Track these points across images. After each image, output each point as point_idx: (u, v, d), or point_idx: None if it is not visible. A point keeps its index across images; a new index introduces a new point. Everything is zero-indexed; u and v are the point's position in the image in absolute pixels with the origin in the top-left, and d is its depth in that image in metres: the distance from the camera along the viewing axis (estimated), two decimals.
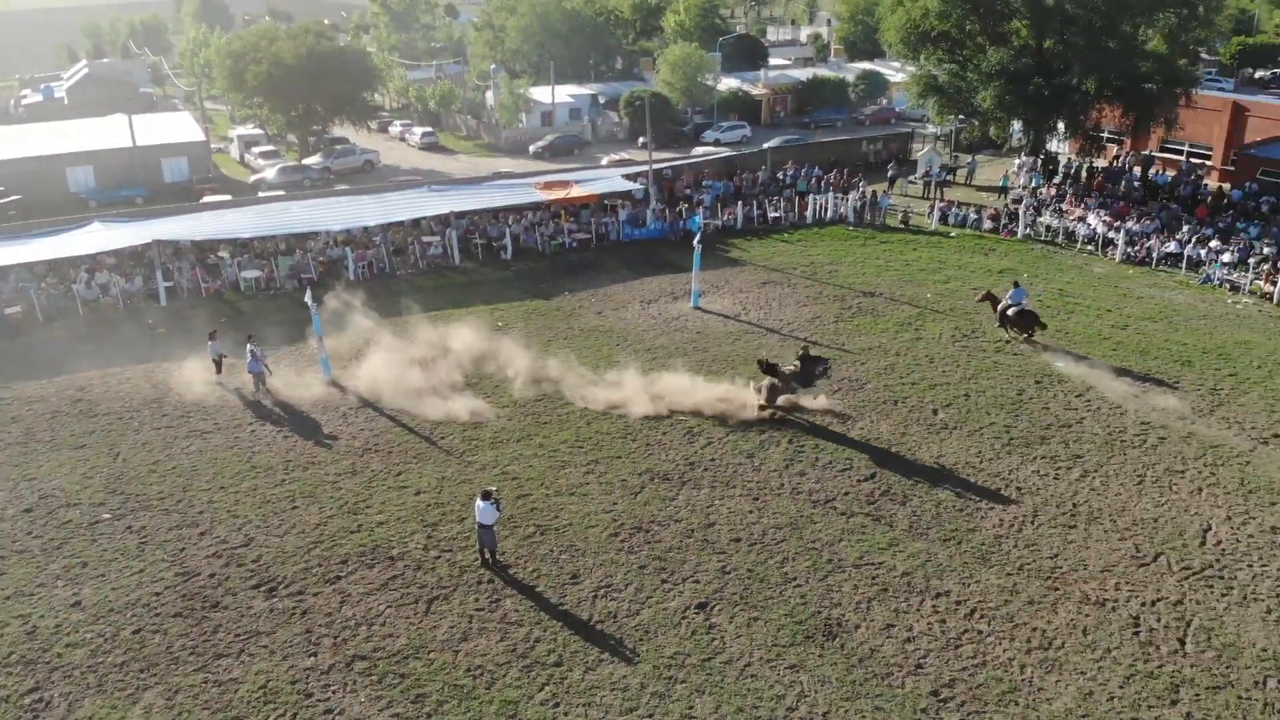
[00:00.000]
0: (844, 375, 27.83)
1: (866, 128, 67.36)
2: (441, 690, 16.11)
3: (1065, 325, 31.65)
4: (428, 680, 16.31)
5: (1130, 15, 44.16)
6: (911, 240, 41.25)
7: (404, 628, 17.59)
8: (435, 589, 18.63)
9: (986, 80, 45.15)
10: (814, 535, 20.43)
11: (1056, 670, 16.48)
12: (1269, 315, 33.09)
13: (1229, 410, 25.87)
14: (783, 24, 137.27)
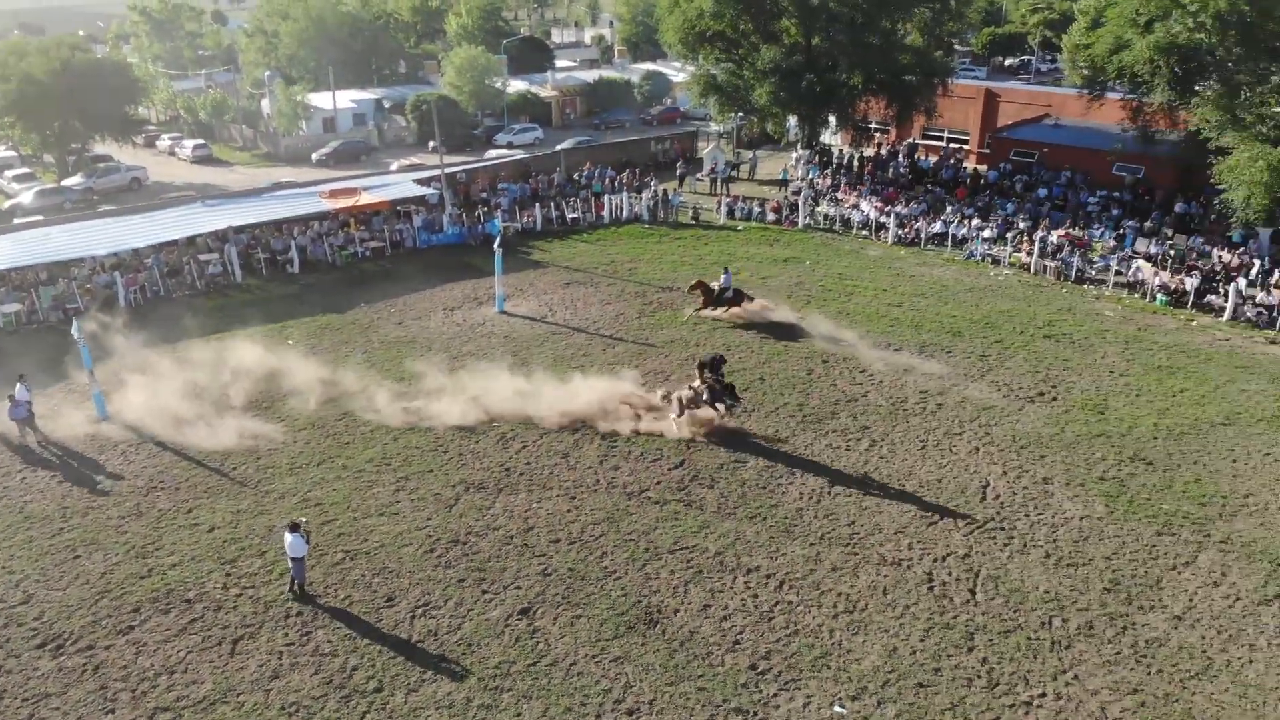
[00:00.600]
0: (650, 368, 28.41)
1: (654, 128, 68.84)
2: None
3: (847, 306, 33.53)
4: None
5: (889, 12, 47.27)
6: (703, 235, 42.55)
7: (208, 672, 16.60)
8: (239, 628, 17.66)
9: (762, 78, 47.14)
10: (630, 526, 20.77)
11: (862, 631, 17.48)
12: (1027, 284, 36.24)
13: (997, 374, 28.18)
14: (566, 26, 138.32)
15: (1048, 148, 47.14)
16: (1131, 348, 30.15)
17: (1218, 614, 17.95)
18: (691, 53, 50.32)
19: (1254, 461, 23.35)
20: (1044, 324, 32.00)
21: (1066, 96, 49.46)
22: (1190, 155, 38.49)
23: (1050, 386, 27.38)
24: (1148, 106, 39.41)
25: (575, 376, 27.24)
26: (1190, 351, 29.97)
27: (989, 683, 16.24)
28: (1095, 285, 35.95)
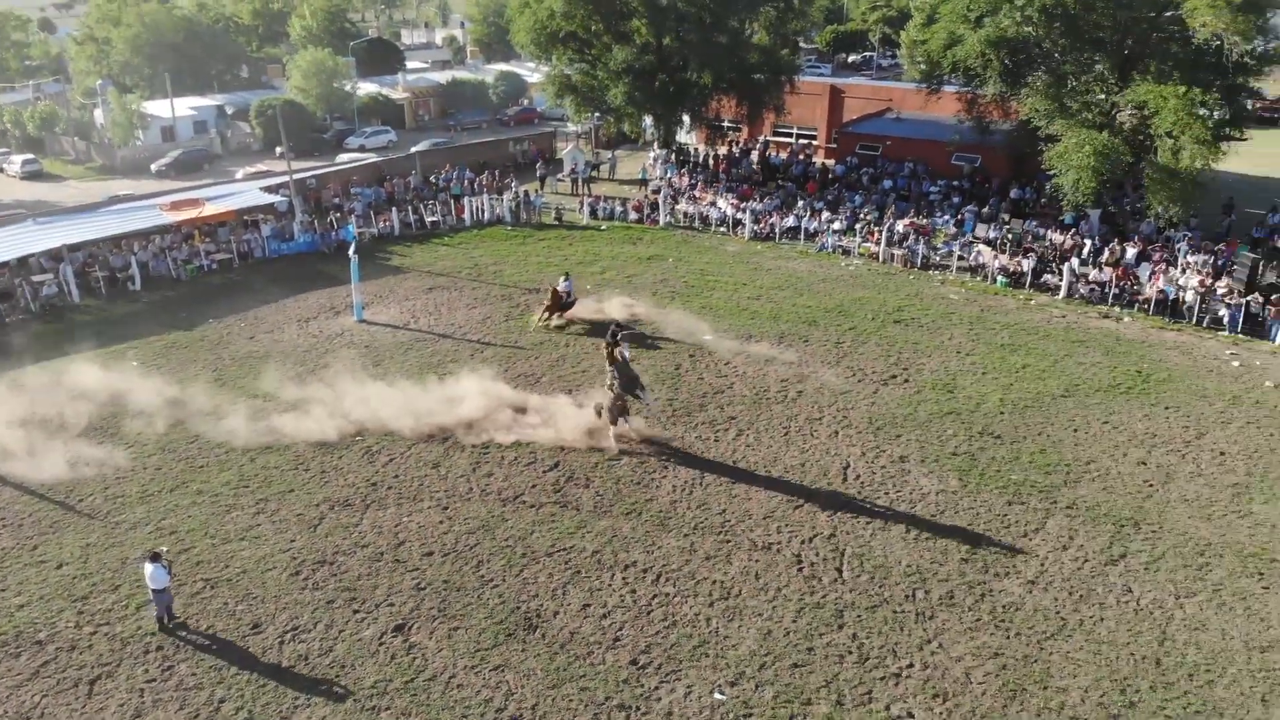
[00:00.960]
0: (521, 371, 28.22)
1: (511, 128, 68.34)
2: None
3: (709, 301, 34.12)
4: None
5: (736, 11, 48.28)
6: (567, 235, 42.53)
7: (66, 716, 15.62)
8: (96, 667, 16.67)
9: (615, 78, 47.42)
10: (506, 533, 20.59)
11: (738, 617, 17.85)
12: (877, 273, 37.66)
13: (852, 360, 29.20)
14: (416, 27, 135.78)
15: (891, 141, 49.10)
16: (976, 328, 31.73)
17: (1068, 576, 19.08)
18: (544, 53, 50.17)
19: (1094, 430, 24.94)
20: (894, 310, 33.33)
21: (907, 91, 51.59)
22: (1022, 143, 40.67)
23: (902, 369, 28.56)
24: (981, 98, 41.42)
25: (446, 381, 26.82)
26: (1030, 329, 31.76)
27: (860, 658, 16.83)
28: (940, 270, 37.65)
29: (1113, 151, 34.83)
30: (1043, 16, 35.62)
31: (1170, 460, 23.44)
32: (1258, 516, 21.12)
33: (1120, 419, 25.46)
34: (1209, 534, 20.46)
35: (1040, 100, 37.28)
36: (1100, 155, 34.62)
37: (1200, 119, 33.26)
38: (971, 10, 37.87)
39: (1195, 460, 23.46)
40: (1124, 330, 31.86)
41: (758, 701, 15.91)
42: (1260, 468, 23.13)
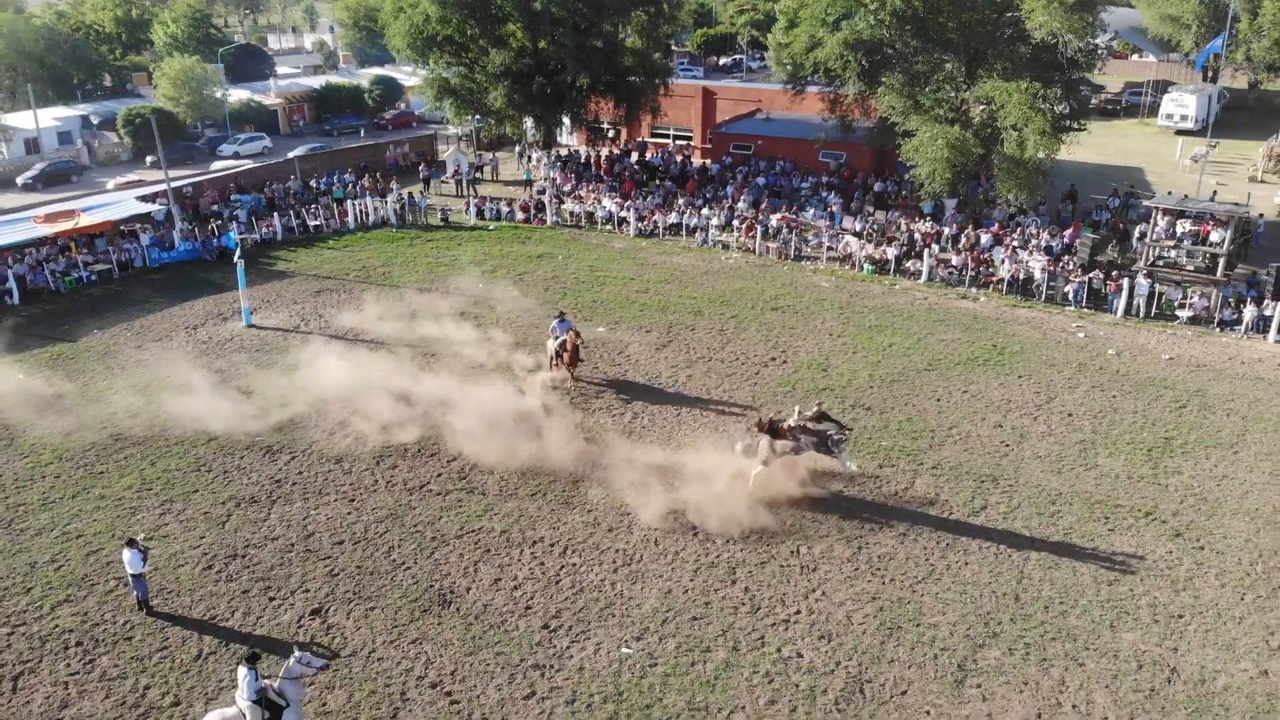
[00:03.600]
0: (417, 368, 28.88)
1: (389, 132, 68.16)
2: None
3: (600, 295, 35.43)
4: None
5: (608, 15, 49.74)
6: (455, 236, 43.17)
7: None
8: (17, 664, 16.88)
9: (495, 81, 48.26)
10: (415, 520, 21.41)
11: (640, 580, 19.20)
12: (754, 265, 39.64)
13: (736, 345, 30.95)
14: (283, 32, 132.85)
15: (762, 140, 51.37)
16: (846, 312, 33.95)
17: (936, 528, 21.06)
18: (421, 57, 50.59)
19: (954, 399, 27.27)
20: (771, 298, 35.31)
21: (775, 92, 53.92)
22: (882, 139, 43.35)
23: (780, 351, 30.45)
24: (843, 98, 43.94)
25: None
26: (895, 311, 34.17)
27: (752, 608, 18.39)
28: (812, 261, 39.87)
29: (964, 144, 37.65)
30: (894, 19, 38.23)
31: (1024, 423, 25.91)
32: (1102, 469, 23.64)
33: (978, 388, 27.91)
34: (1059, 485, 22.84)
35: (896, 98, 39.91)
36: (953, 148, 37.38)
37: (1041, 112, 36.31)
38: (829, 14, 40.26)
39: (1046, 421, 25.99)
40: (980, 309, 34.61)
41: (661, 652, 17.27)
42: (1104, 425, 25.79)
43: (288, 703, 14.79)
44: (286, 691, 14.83)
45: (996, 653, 17.31)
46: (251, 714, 14.53)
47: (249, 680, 14.59)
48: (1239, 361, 30.11)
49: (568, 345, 27.06)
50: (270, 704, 14.64)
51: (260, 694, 14.59)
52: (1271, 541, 20.76)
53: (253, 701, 14.52)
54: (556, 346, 27.49)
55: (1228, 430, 25.54)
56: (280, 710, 14.70)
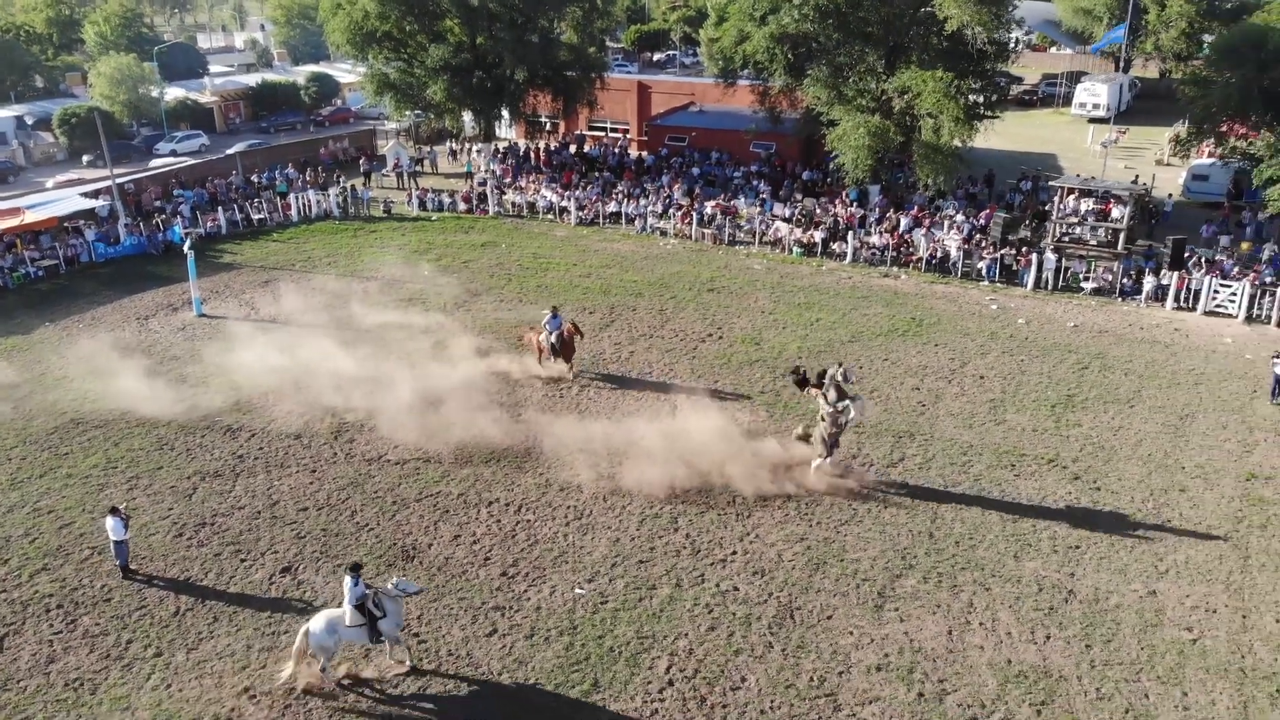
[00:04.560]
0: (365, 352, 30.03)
1: (327, 128, 68.60)
2: (45, 709, 15.97)
3: (545, 280, 36.89)
4: (26, 704, 16.04)
5: (545, 11, 51.09)
6: (399, 227, 44.23)
7: None
8: (1, 627, 17.86)
9: (434, 75, 49.27)
10: (375, 487, 22.69)
11: (591, 531, 20.79)
12: (691, 250, 41.38)
13: (675, 323, 32.67)
14: (212, 31, 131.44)
15: (696, 132, 53.20)
16: (777, 292, 35.87)
17: (859, 476, 22.94)
18: (360, 53, 51.36)
19: (876, 366, 29.30)
20: (707, 280, 37.09)
21: (707, 85, 55.78)
22: (809, 129, 45.43)
23: (717, 329, 32.25)
24: (771, 90, 45.86)
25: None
26: (822, 290, 36.19)
27: (693, 551, 20.10)
28: (745, 245, 41.73)
29: (885, 132, 39.84)
30: (817, 14, 40.26)
31: (939, 385, 28.03)
32: (1010, 424, 25.80)
33: (898, 356, 29.99)
34: (971, 439, 24.93)
35: (821, 89, 41.95)
36: (874, 136, 39.54)
37: (955, 101, 38.60)
38: (756, 9, 42.17)
39: (959, 384, 28.14)
40: (901, 286, 36.80)
41: (611, 591, 18.88)
42: (1013, 386, 28.01)
43: (385, 613, 16.59)
44: (385, 605, 16.61)
45: (912, 581, 19.24)
46: (351, 617, 16.41)
47: (352, 587, 16.40)
48: (1138, 327, 32.68)
49: (566, 338, 27.60)
50: (369, 612, 16.44)
51: (360, 600, 16.38)
52: (1162, 482, 23.05)
53: (354, 606, 16.38)
54: (553, 341, 27.75)
55: (1125, 388, 27.94)
56: (377, 619, 16.53)
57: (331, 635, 16.39)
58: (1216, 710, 16.18)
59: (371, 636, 16.62)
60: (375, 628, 16.56)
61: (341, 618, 16.46)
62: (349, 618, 16.40)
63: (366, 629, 16.50)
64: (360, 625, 16.46)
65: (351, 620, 16.39)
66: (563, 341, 27.74)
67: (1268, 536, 20.93)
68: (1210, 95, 38.80)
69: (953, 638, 17.72)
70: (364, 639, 16.66)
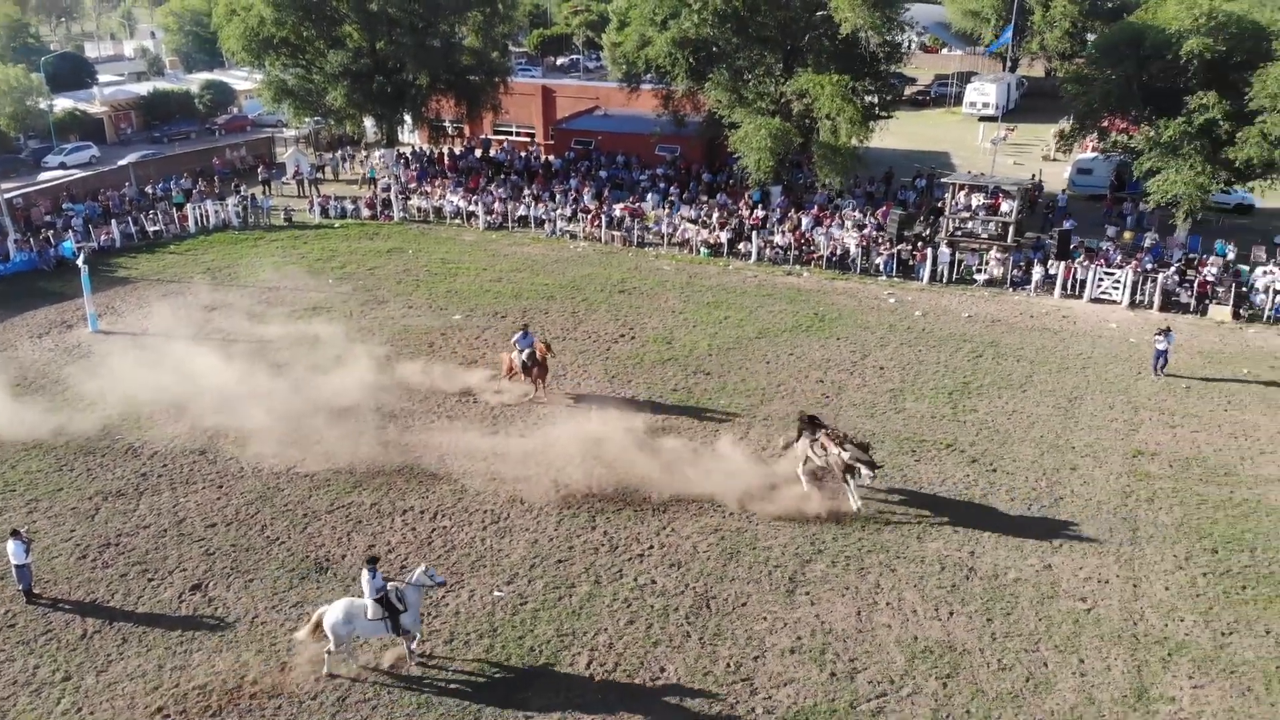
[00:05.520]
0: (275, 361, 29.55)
1: (223, 136, 66.89)
2: None
3: (454, 285, 36.79)
4: None
5: (444, 15, 50.83)
6: (301, 235, 43.49)
7: None
8: None
9: (333, 81, 48.64)
10: (284, 500, 22.39)
11: (509, 534, 20.92)
12: (601, 252, 41.70)
13: (588, 325, 32.96)
14: (102, 39, 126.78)
15: (601, 135, 53.55)
16: (686, 292, 36.46)
17: (767, 464, 23.51)
18: (257, 60, 50.37)
19: (782, 361, 30.07)
20: (618, 282, 37.48)
21: (612, 90, 56.16)
22: (712, 132, 46.18)
23: (629, 329, 32.65)
24: (674, 94, 46.43)
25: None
26: (729, 289, 36.90)
27: (610, 547, 20.41)
28: (654, 247, 42.24)
29: (785, 134, 40.80)
30: (716, 19, 41.02)
31: (841, 377, 28.92)
32: (909, 411, 26.78)
33: (802, 350, 30.83)
34: (873, 426, 25.78)
35: (722, 93, 42.72)
36: (775, 138, 40.45)
37: (852, 102, 39.76)
38: (657, 14, 42.73)
39: (861, 375, 29.07)
40: (803, 283, 37.76)
41: (530, 592, 19.05)
42: (911, 375, 29.05)
43: (406, 607, 16.68)
44: (407, 596, 16.73)
45: (822, 565, 19.89)
46: (373, 610, 16.53)
47: (370, 580, 16.49)
48: (1028, 316, 34.21)
49: (538, 358, 26.77)
50: (389, 605, 16.56)
51: (381, 593, 16.50)
52: (1054, 461, 24.22)
53: (375, 600, 16.48)
54: (524, 359, 26.90)
55: (1017, 374, 29.25)
56: (398, 613, 16.63)
57: (348, 625, 16.56)
58: (1112, 675, 17.13)
59: (393, 629, 16.79)
60: (397, 621, 16.70)
61: (362, 609, 16.60)
62: (370, 611, 16.56)
63: (388, 622, 16.67)
64: (381, 619, 16.60)
65: (373, 614, 16.56)
66: (534, 360, 26.88)
67: (1154, 509, 22.20)
68: (1092, 92, 40.66)
69: (861, 618, 18.40)
70: (384, 632, 16.87)
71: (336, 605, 16.78)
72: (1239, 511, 22.13)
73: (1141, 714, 16.27)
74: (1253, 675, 17.12)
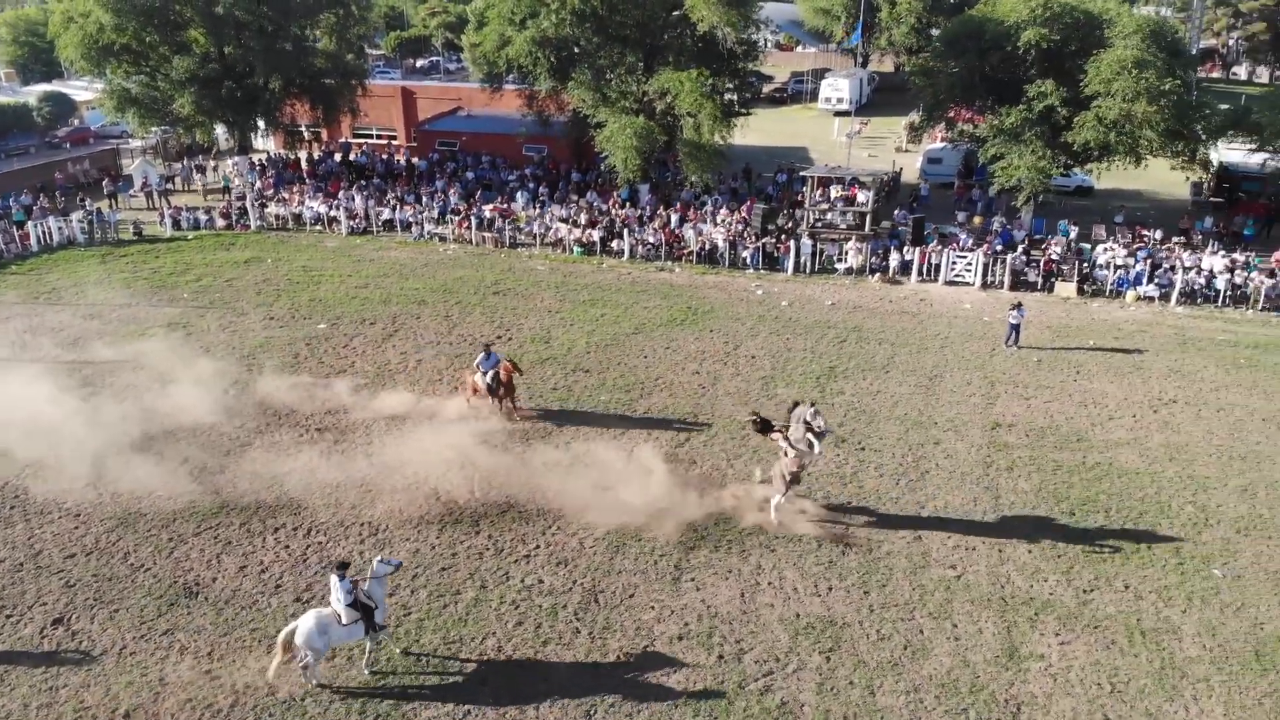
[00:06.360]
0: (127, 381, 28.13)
1: (66, 150, 63.18)
2: None
3: (317, 294, 35.76)
4: None
5: (295, 18, 49.38)
6: (152, 249, 41.49)
7: None
8: None
9: (180, 88, 46.65)
10: (147, 525, 21.32)
11: (388, 545, 20.47)
12: (472, 254, 41.28)
13: (463, 328, 32.57)
14: None
15: (466, 136, 53.03)
16: (561, 291, 36.47)
17: (648, 459, 23.61)
18: (97, 68, 47.84)
19: (659, 355, 30.43)
20: (491, 283, 37.18)
21: (474, 90, 55.56)
22: (579, 131, 46.30)
23: (505, 330, 32.46)
24: (538, 94, 46.42)
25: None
26: (604, 286, 37.11)
27: (496, 550, 20.25)
28: (526, 247, 42.11)
29: (650, 132, 41.27)
30: (575, 18, 41.17)
31: (716, 368, 29.46)
32: (781, 397, 27.35)
33: (678, 344, 31.28)
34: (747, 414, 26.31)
35: (585, 92, 42.92)
36: (640, 137, 40.88)
37: (712, 100, 40.52)
38: (515, 14, 42.59)
39: (734, 365, 29.69)
40: (675, 279, 38.30)
41: (414, 602, 18.72)
42: (781, 363, 29.85)
43: (376, 603, 16.57)
44: (374, 592, 16.62)
45: (705, 552, 20.23)
46: (347, 615, 16.29)
47: (342, 586, 16.25)
48: (888, 301, 35.60)
49: (503, 379, 25.47)
50: (363, 606, 16.43)
51: (354, 597, 16.33)
52: (918, 437, 25.28)
53: (348, 605, 16.27)
54: (488, 382, 25.57)
55: (880, 356, 30.40)
56: (371, 611, 16.52)
57: (324, 636, 16.21)
58: (984, 638, 18.00)
59: (368, 630, 16.61)
60: (371, 620, 16.54)
61: (333, 618, 16.30)
62: (345, 617, 16.29)
63: (363, 624, 16.49)
64: (356, 622, 16.39)
65: (348, 619, 16.30)
66: (499, 381, 25.56)
67: (1014, 477, 23.43)
68: (938, 84, 42.57)
69: (745, 599, 18.82)
70: (360, 636, 16.65)
71: (305, 619, 16.34)
72: (1092, 475, 23.58)
73: (1013, 672, 17.16)
74: (1115, 629, 18.26)
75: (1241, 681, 17.02)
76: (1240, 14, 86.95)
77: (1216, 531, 21.38)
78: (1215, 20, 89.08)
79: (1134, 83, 35.88)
